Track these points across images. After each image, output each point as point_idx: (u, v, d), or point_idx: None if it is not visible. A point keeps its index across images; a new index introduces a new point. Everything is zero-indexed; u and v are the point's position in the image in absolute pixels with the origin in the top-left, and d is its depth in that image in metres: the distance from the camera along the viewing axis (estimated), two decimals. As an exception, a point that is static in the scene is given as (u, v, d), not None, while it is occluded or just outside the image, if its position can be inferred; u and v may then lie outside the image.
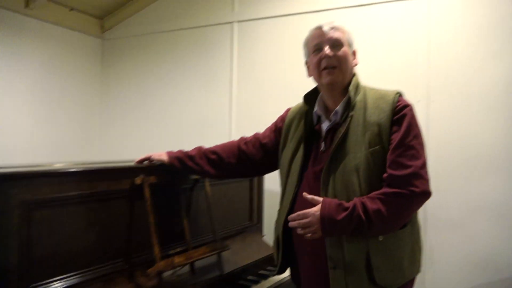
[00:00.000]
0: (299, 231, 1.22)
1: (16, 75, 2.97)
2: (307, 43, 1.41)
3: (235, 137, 3.01)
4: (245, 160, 1.61)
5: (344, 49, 1.33)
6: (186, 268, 1.75)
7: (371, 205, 1.16)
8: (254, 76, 2.97)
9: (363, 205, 1.17)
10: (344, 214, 1.16)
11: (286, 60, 2.85)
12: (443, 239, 2.34)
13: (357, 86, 1.35)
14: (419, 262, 1.34)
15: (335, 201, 1.20)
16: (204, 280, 1.75)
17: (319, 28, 1.36)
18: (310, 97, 1.44)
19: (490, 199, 2.24)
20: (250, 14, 2.96)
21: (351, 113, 1.29)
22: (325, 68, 1.32)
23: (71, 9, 3.30)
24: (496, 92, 2.25)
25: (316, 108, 1.40)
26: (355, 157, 1.24)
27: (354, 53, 1.40)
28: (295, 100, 2.74)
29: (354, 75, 1.39)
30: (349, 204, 1.18)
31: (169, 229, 1.78)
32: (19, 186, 1.25)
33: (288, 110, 1.60)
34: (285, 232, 1.38)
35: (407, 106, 1.27)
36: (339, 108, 1.33)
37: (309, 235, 1.20)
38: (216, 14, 3.10)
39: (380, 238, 1.22)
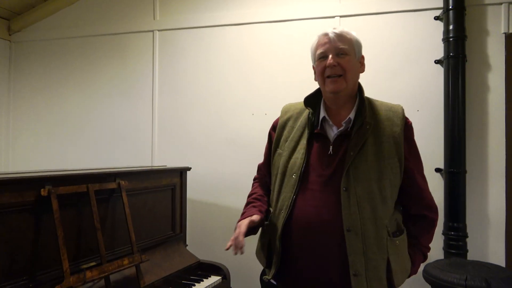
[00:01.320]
0: None
1: None
2: (313, 49, 1.37)
3: (158, 147, 2.99)
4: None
5: (349, 58, 1.31)
6: (101, 283, 1.67)
7: (426, 245, 1.40)
8: (177, 85, 2.95)
9: (423, 252, 1.40)
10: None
11: (206, 69, 2.88)
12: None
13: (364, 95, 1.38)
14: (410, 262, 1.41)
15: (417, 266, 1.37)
16: (121, 294, 1.68)
17: (326, 35, 1.33)
18: (311, 100, 1.41)
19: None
20: (171, 23, 2.95)
21: (368, 121, 1.31)
22: (329, 77, 1.31)
23: (-28, 8, 3.00)
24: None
25: (322, 112, 1.37)
26: (375, 166, 1.26)
27: (361, 61, 1.38)
28: (218, 108, 2.82)
29: (359, 83, 1.40)
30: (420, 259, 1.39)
31: (81, 243, 1.68)
32: None
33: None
34: (282, 235, 1.32)
35: (411, 122, 1.37)
36: (351, 115, 1.33)
37: None
38: (136, 22, 3.04)
39: (397, 242, 1.28)
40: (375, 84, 2.55)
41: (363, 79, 2.49)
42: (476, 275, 1.94)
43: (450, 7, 2.33)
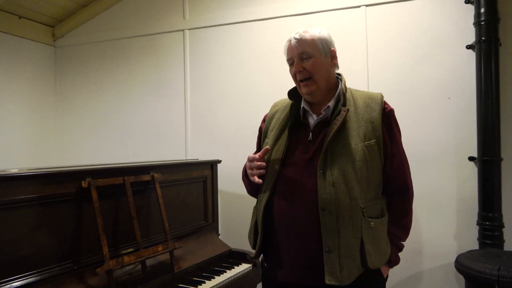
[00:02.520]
0: None
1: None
2: (284, 54, 1.46)
3: (191, 141, 3.12)
4: None
5: (314, 60, 1.37)
6: (138, 268, 1.81)
7: (403, 235, 1.46)
8: (207, 82, 3.06)
9: (399, 239, 1.45)
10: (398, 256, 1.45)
11: (236, 65, 2.96)
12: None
13: (345, 85, 1.44)
14: (389, 248, 1.44)
15: (397, 259, 1.44)
16: (157, 278, 1.81)
17: (289, 41, 1.41)
18: (294, 92, 1.48)
19: (428, 190, 2.44)
20: (200, 22, 3.06)
21: (346, 108, 1.36)
22: (301, 80, 1.39)
23: (20, 17, 3.26)
24: (429, 93, 2.46)
25: (302, 104, 1.45)
26: (352, 148, 1.32)
27: (331, 55, 1.41)
28: (247, 103, 2.89)
29: (340, 75, 1.46)
30: (398, 247, 1.45)
31: (119, 230, 1.83)
32: (-40, 191, 1.27)
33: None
34: (265, 217, 1.40)
35: (391, 109, 1.41)
36: (331, 103, 1.39)
37: None
38: (167, 22, 3.17)
39: (372, 224, 1.32)
40: (404, 71, 2.51)
41: (392, 67, 2.49)
42: (510, 266, 1.89)
43: (481, -11, 2.25)
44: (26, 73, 3.34)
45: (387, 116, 1.39)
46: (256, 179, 1.37)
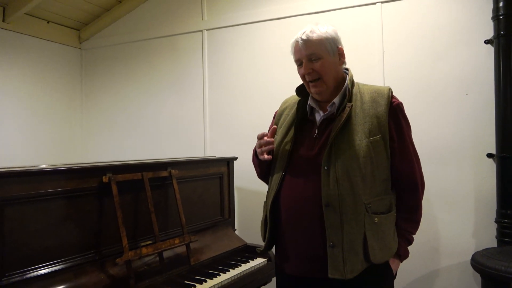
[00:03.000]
0: None
1: (-4, 86, 3.09)
2: (291, 53, 1.46)
3: (209, 139, 3.20)
4: None
5: (322, 61, 1.37)
6: (156, 259, 1.89)
7: (413, 229, 1.45)
8: (225, 81, 3.13)
9: (410, 233, 1.45)
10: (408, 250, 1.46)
11: (253, 64, 3.02)
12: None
13: (352, 80, 1.45)
14: (397, 243, 1.45)
15: (406, 252, 1.45)
16: (174, 270, 1.89)
17: (295, 42, 1.41)
18: (302, 89, 1.50)
19: (446, 187, 2.42)
20: (218, 22, 3.13)
21: (350, 104, 1.37)
22: (309, 81, 1.40)
23: (49, 22, 3.43)
24: (446, 90, 2.43)
25: (309, 101, 1.46)
26: (356, 145, 1.32)
27: (339, 53, 1.42)
28: (264, 101, 2.94)
29: (348, 69, 1.47)
30: (409, 241, 1.45)
31: (138, 224, 1.92)
32: (-9, 185, 1.39)
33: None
34: (272, 212, 1.44)
35: (399, 102, 1.40)
36: (336, 99, 1.40)
37: None
38: (186, 23, 3.27)
39: (376, 219, 1.32)
40: (421, 68, 2.49)
41: (409, 63, 2.47)
42: (527, 264, 1.86)
43: (500, -18, 2.21)
44: (54, 75, 3.52)
45: (394, 111, 1.38)
46: (266, 156, 1.40)
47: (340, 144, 1.34)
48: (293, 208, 1.38)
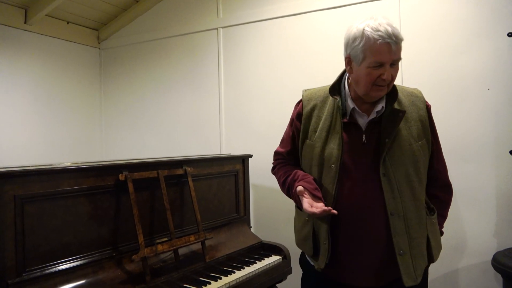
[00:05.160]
0: None
1: (18, 87, 3.18)
2: (365, 49, 1.25)
3: (225, 136, 3.21)
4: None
5: (398, 65, 1.30)
6: (171, 256, 1.92)
7: (442, 223, 1.47)
8: (240, 78, 3.13)
9: (441, 227, 1.47)
10: None
11: (269, 62, 3.00)
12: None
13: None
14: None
15: None
16: (190, 267, 1.91)
17: (387, 44, 1.23)
18: (335, 88, 1.40)
19: (467, 185, 2.35)
20: (234, 20, 3.13)
21: (399, 108, 1.33)
22: (377, 84, 1.29)
23: (68, 23, 3.51)
24: (467, 85, 2.36)
25: (350, 103, 1.36)
26: (409, 149, 1.32)
27: None
28: (279, 98, 2.93)
29: None
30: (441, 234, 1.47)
31: (154, 221, 1.95)
32: (12, 183, 1.44)
33: (298, 104, 1.53)
34: (331, 224, 1.35)
35: (430, 106, 1.42)
36: (383, 103, 1.34)
37: None
38: (202, 21, 3.28)
39: (433, 220, 1.38)
40: (440, 62, 2.43)
41: (428, 58, 2.42)
42: (551, 265, 1.79)
43: (524, -27, 2.12)
44: (73, 75, 3.60)
45: (430, 113, 1.41)
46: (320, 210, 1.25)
47: (392, 150, 1.31)
48: (357, 218, 1.33)
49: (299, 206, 1.40)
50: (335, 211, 1.24)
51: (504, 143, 2.27)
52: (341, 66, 1.42)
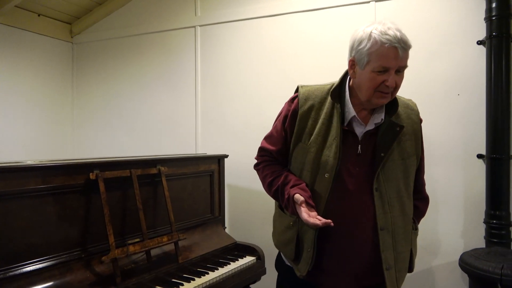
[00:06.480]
0: None
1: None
2: (371, 53, 1.20)
3: (201, 136, 3.18)
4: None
5: (403, 73, 1.25)
6: (143, 257, 1.88)
7: (418, 222, 1.46)
8: (217, 77, 3.11)
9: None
10: None
11: (246, 61, 2.99)
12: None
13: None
14: None
15: None
16: (162, 268, 1.88)
17: (394, 49, 1.17)
18: (336, 92, 1.33)
19: (436, 187, 2.42)
20: (211, 18, 3.10)
21: (398, 123, 1.30)
22: (380, 91, 1.24)
23: (39, 15, 3.38)
24: (438, 90, 2.43)
25: (351, 111, 1.30)
26: (401, 164, 1.31)
27: None
28: (256, 99, 2.92)
29: None
30: None
31: (126, 221, 1.90)
32: (-26, 181, 1.37)
33: (293, 101, 1.42)
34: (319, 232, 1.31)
35: (421, 119, 1.42)
36: (383, 115, 1.30)
37: None
38: (179, 18, 3.23)
39: (417, 233, 1.41)
40: (413, 68, 2.45)
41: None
42: (514, 265, 1.86)
43: (493, -17, 2.21)
44: (45, 69, 3.47)
45: (421, 128, 1.41)
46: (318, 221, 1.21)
47: (386, 164, 1.29)
48: (345, 230, 1.29)
49: (290, 211, 1.33)
50: (332, 224, 1.19)
51: (472, 147, 2.35)
52: (319, 68, 1.42)
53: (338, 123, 1.29)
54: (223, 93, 3.08)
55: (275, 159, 1.46)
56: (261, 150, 1.50)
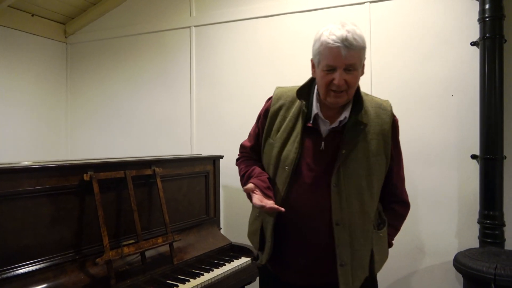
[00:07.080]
0: None
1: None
2: (319, 52, 1.25)
3: (196, 137, 3.17)
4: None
5: (356, 73, 1.25)
6: (138, 259, 1.87)
7: (394, 235, 1.46)
8: (213, 78, 3.10)
9: (392, 239, 1.46)
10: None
11: (241, 62, 2.99)
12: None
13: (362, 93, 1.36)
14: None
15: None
16: (157, 269, 1.87)
17: (337, 48, 1.20)
18: (303, 91, 1.38)
19: (430, 187, 2.44)
20: (207, 19, 3.10)
21: (362, 121, 1.32)
22: (333, 91, 1.26)
23: (33, 15, 3.36)
24: (432, 91, 2.45)
25: (315, 109, 1.34)
26: (364, 163, 1.31)
27: (363, 66, 1.30)
28: (251, 99, 2.92)
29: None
30: (390, 245, 1.46)
31: (120, 222, 1.89)
32: (-34, 182, 1.35)
33: (268, 101, 1.50)
34: (276, 225, 1.36)
35: (397, 120, 1.40)
36: (347, 113, 1.32)
37: None
38: (174, 19, 3.23)
39: (381, 234, 1.36)
40: (408, 68, 2.50)
41: (396, 64, 2.48)
42: (507, 265, 1.88)
43: (486, -15, 2.22)
44: (38, 69, 3.45)
45: (395, 128, 1.38)
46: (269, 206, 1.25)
47: (348, 161, 1.30)
48: (302, 224, 1.33)
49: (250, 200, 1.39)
50: (282, 209, 1.24)
51: (466, 147, 2.36)
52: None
53: (302, 119, 1.35)
54: (218, 94, 3.08)
55: (251, 155, 1.55)
56: (241, 147, 1.61)
